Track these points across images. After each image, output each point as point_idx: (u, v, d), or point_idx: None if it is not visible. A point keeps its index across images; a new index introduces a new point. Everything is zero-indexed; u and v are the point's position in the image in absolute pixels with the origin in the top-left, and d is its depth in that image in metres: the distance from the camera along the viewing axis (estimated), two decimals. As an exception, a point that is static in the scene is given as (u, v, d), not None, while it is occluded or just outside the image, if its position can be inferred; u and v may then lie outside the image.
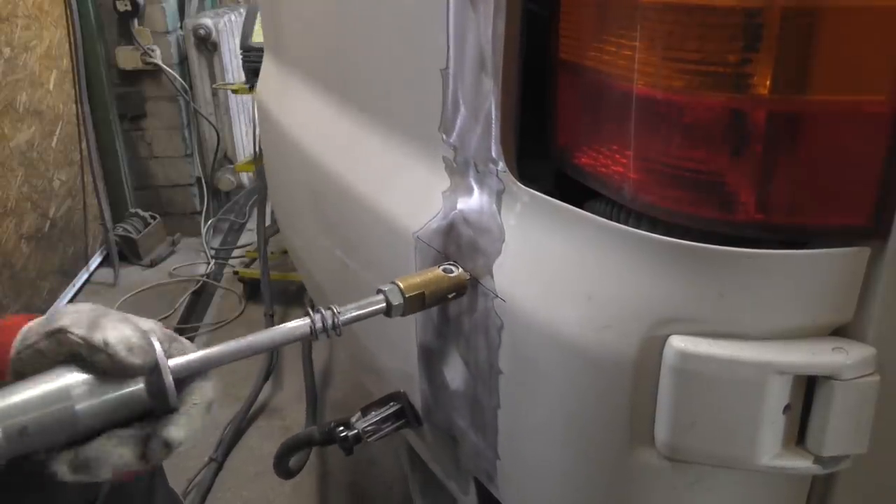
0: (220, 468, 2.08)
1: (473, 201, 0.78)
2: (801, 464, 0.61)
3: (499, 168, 0.73)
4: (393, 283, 0.74)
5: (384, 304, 0.73)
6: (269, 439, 2.25)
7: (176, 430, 0.59)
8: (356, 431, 0.96)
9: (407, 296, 0.74)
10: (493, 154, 0.73)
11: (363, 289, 0.74)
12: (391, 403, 0.99)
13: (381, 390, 1.05)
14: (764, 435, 0.60)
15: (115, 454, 0.57)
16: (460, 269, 0.77)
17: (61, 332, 0.57)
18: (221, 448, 2.12)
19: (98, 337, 0.56)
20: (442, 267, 0.78)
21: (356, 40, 1.04)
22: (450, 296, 0.76)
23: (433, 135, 0.82)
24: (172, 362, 0.60)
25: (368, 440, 0.96)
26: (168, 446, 0.59)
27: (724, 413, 0.60)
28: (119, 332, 0.57)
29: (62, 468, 0.56)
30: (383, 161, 0.97)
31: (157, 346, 0.60)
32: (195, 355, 0.62)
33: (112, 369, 0.57)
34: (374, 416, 0.98)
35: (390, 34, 0.92)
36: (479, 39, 0.71)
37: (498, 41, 0.68)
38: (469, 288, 0.77)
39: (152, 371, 0.59)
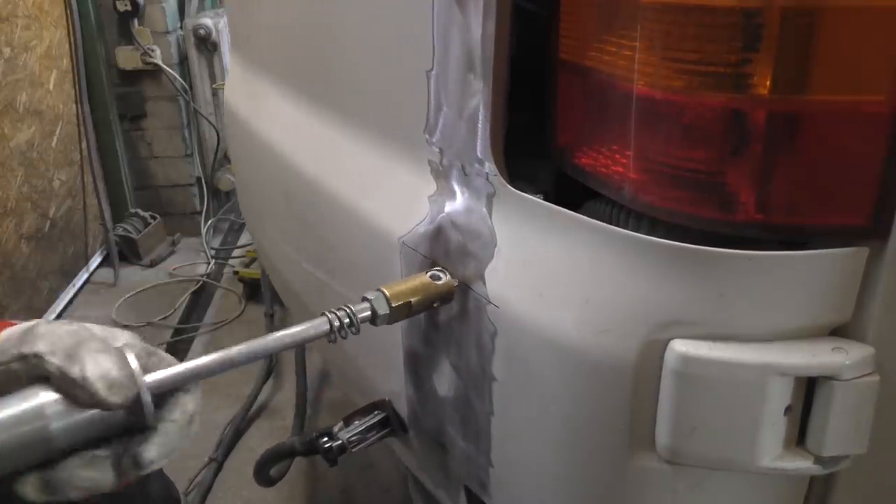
0: (220, 468, 2.09)
1: (462, 205, 0.77)
2: (802, 464, 0.61)
3: (488, 171, 0.72)
4: (379, 290, 0.72)
5: (369, 313, 0.71)
6: (268, 440, 2.25)
7: (149, 449, 0.56)
8: (340, 442, 0.93)
9: (393, 305, 0.72)
10: (482, 156, 0.72)
11: (343, 294, 0.72)
12: (375, 412, 0.97)
13: (365, 399, 1.04)
14: (765, 436, 0.60)
15: (83, 477, 0.54)
16: (448, 276, 0.75)
17: (37, 357, 0.54)
18: (221, 448, 2.12)
19: (76, 370, 0.53)
20: (429, 273, 0.76)
21: (335, 41, 1.03)
22: (435, 304, 0.75)
23: (417, 137, 0.81)
24: (150, 378, 0.57)
25: (353, 450, 0.94)
26: (138, 465, 0.56)
27: (725, 416, 0.60)
28: (98, 366, 0.54)
29: (27, 489, 0.53)
30: (365, 164, 0.96)
31: (135, 365, 0.57)
32: (173, 370, 0.59)
33: (90, 405, 0.54)
34: (359, 426, 0.95)
35: (373, 35, 0.92)
36: (466, 40, 0.70)
37: (488, 41, 0.67)
38: (459, 293, 0.76)
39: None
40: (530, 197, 0.70)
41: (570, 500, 0.73)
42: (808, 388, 0.60)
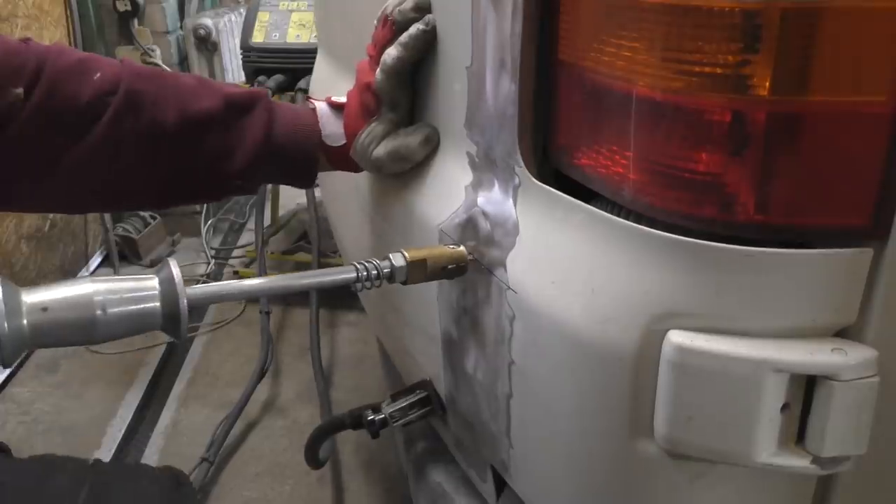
0: (211, 466, 2.07)
1: (493, 196, 0.80)
2: (799, 463, 0.61)
3: (517, 164, 0.74)
4: (399, 251, 0.80)
5: (389, 269, 0.78)
6: (269, 439, 2.25)
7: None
8: (383, 416, 1.02)
9: (409, 260, 0.79)
10: (512, 149, 0.74)
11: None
12: (418, 391, 1.04)
13: (411, 377, 1.12)
14: (761, 432, 0.60)
15: None
16: (461, 246, 0.82)
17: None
18: (213, 448, 2.11)
19: None
20: (445, 243, 0.84)
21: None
22: (449, 266, 0.81)
23: (460, 131, 0.85)
24: (190, 290, 0.64)
25: (394, 425, 1.03)
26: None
27: (720, 408, 0.60)
28: None
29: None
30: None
31: (177, 272, 0.64)
32: (212, 286, 0.67)
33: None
34: (402, 402, 1.03)
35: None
36: (499, 37, 0.72)
37: (516, 39, 0.69)
38: (483, 279, 0.80)
39: (170, 298, 0.63)
40: (551, 189, 0.71)
41: (578, 484, 0.74)
42: (809, 388, 0.60)
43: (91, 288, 0.61)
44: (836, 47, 0.52)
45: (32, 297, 0.59)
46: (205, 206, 3.62)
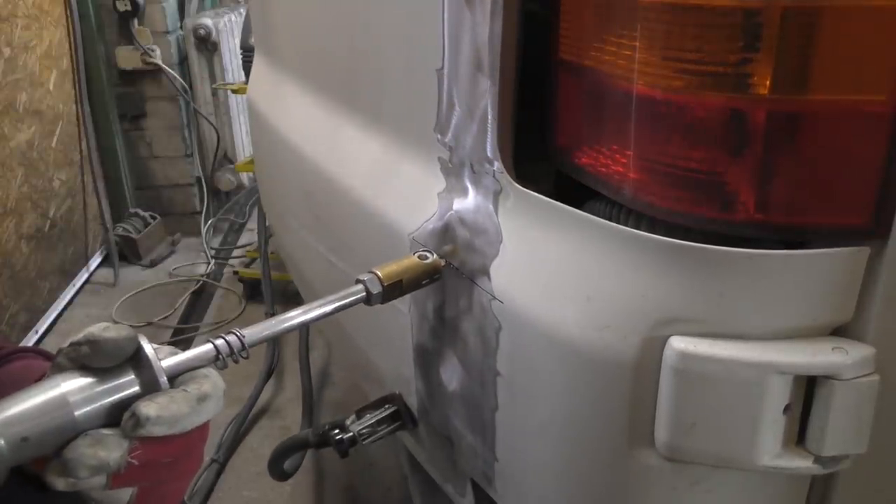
0: (222, 469, 2.08)
1: (469, 202, 0.78)
2: (801, 464, 0.61)
3: (495, 168, 0.73)
4: (371, 272, 0.76)
5: (364, 294, 0.74)
6: (270, 439, 2.25)
7: (149, 406, 0.56)
8: (351, 434, 0.95)
9: (386, 284, 0.75)
10: (490, 154, 0.73)
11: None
12: (386, 406, 0.99)
13: (376, 392, 1.06)
14: (764, 435, 0.60)
15: (90, 455, 0.55)
16: (434, 256, 0.79)
17: (70, 344, 0.58)
18: (223, 449, 2.12)
19: (82, 333, 0.57)
20: (417, 254, 0.79)
21: (351, 40, 1.04)
22: (424, 282, 0.78)
23: (428, 135, 0.82)
24: (166, 362, 0.60)
25: (364, 443, 0.96)
26: (138, 423, 0.56)
27: (724, 413, 0.60)
28: (100, 326, 0.58)
29: (51, 477, 0.55)
30: (378, 162, 0.97)
31: (148, 346, 0.59)
32: (187, 353, 0.62)
33: (94, 353, 0.57)
34: (370, 419, 0.97)
35: (385, 34, 0.92)
36: (475, 39, 0.71)
37: (495, 40, 0.68)
38: (465, 289, 0.77)
39: (144, 368, 0.59)
40: (536, 194, 0.70)
41: (571, 496, 0.73)
42: (809, 388, 0.60)
43: (62, 388, 0.56)
44: (836, 46, 0.52)
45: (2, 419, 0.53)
46: (205, 205, 3.62)
